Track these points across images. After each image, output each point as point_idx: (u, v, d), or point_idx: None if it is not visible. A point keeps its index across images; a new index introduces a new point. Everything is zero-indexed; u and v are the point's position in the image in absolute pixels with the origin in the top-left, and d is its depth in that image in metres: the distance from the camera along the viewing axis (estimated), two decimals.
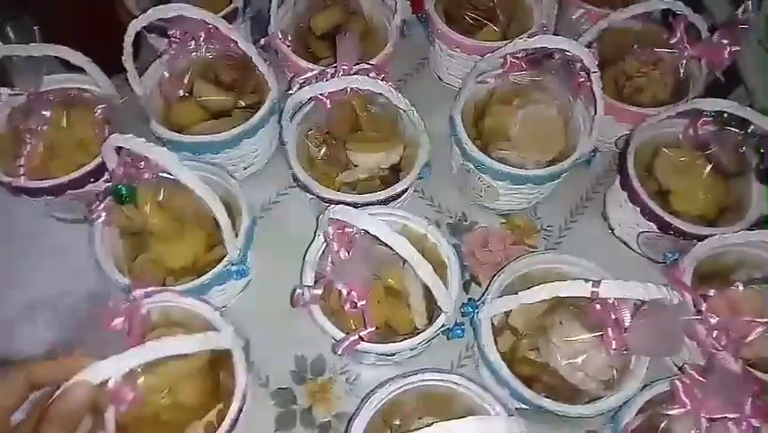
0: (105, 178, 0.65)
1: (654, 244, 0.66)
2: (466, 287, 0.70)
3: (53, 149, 0.67)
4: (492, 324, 0.57)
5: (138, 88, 0.68)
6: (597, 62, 0.58)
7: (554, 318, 0.56)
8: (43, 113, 0.65)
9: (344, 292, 0.52)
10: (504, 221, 0.74)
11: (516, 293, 0.52)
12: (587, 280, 0.47)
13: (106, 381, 0.37)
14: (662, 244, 0.65)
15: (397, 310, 0.58)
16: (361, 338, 0.52)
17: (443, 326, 0.56)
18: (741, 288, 0.54)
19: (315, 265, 0.57)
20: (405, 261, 0.51)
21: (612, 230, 0.72)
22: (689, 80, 0.71)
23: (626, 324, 0.48)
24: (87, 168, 0.64)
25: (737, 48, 0.63)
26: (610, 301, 0.47)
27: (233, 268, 0.60)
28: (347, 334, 0.54)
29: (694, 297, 0.55)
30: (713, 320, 0.53)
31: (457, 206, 0.76)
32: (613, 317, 0.48)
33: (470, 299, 0.59)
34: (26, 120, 0.65)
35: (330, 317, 0.56)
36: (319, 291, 0.53)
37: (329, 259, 0.55)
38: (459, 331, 0.57)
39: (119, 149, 0.57)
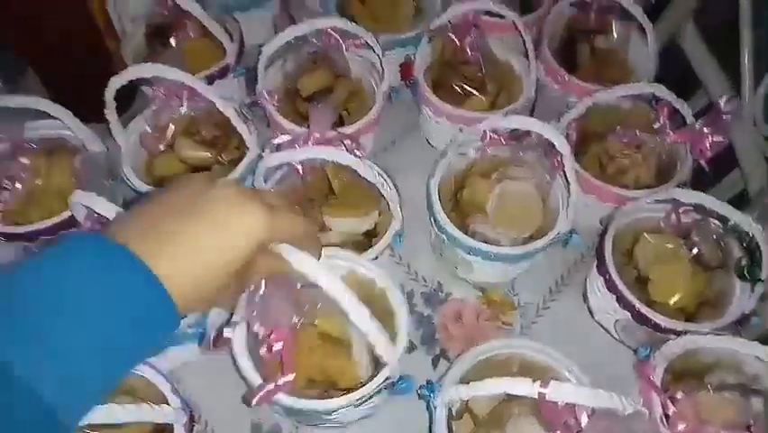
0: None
1: (631, 332, 0.63)
2: (435, 362, 0.67)
3: (33, 196, 0.68)
4: (450, 409, 0.54)
5: (121, 140, 0.69)
6: (570, 145, 0.57)
7: (512, 408, 0.53)
8: (22, 160, 0.66)
9: (260, 334, 0.46)
10: (480, 294, 0.72)
11: (468, 382, 0.49)
12: (535, 380, 0.44)
13: None
14: (638, 334, 0.62)
15: (336, 360, 0.54)
16: (279, 387, 0.46)
17: (386, 379, 0.50)
18: (711, 393, 0.51)
19: None
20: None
21: (591, 312, 0.69)
22: (675, 163, 0.69)
23: (578, 429, 0.45)
24: (59, 218, 0.64)
25: (720, 139, 0.61)
26: (561, 404, 0.44)
27: (190, 330, 0.59)
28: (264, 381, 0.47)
29: (662, 399, 0.52)
30: (680, 427, 0.50)
31: (433, 274, 0.74)
32: (564, 420, 0.45)
33: (428, 382, 0.56)
34: (7, 166, 0.66)
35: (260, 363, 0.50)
36: (230, 334, 0.48)
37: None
38: (404, 385, 0.52)
39: None
